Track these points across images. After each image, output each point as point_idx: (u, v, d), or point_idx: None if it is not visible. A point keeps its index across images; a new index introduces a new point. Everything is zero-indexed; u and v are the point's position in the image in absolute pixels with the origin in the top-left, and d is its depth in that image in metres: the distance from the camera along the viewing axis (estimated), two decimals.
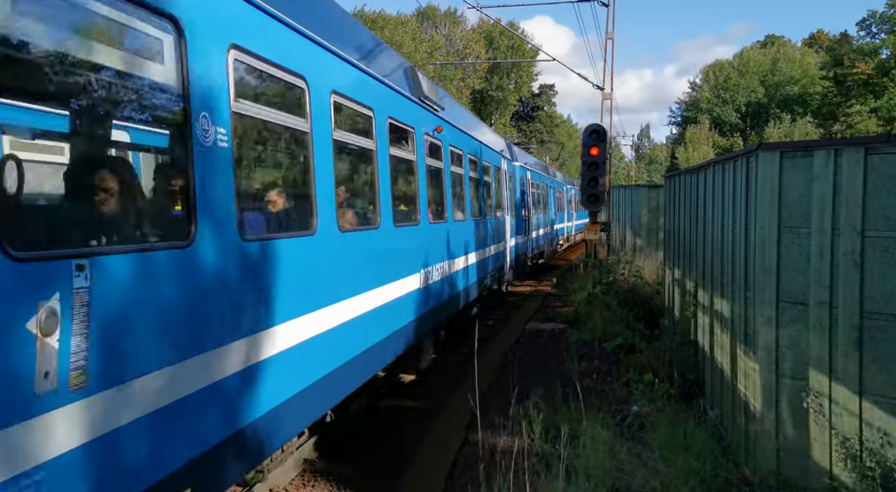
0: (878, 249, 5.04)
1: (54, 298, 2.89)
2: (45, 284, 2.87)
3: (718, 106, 78.53)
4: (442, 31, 63.61)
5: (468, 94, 65.01)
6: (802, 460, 5.44)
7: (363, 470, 7.06)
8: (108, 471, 3.19)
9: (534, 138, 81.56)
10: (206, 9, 4.19)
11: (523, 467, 5.63)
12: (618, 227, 21.29)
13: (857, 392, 5.14)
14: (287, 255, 5.00)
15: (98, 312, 3.11)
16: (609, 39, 23.36)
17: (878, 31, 52.18)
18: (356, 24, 7.68)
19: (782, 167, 5.51)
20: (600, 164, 15.98)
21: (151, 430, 3.48)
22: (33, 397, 2.81)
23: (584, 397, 8.09)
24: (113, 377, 3.22)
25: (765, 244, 5.62)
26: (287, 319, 4.97)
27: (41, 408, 2.84)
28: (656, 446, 6.15)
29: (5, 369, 2.68)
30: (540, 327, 14.71)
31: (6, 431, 2.66)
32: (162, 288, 3.62)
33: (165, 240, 3.87)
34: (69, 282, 2.97)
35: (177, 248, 3.78)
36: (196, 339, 3.87)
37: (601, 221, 18.66)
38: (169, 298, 3.67)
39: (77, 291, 3.01)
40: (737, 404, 6.40)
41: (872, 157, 5.05)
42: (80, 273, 3.01)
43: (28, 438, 2.75)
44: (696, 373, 8.50)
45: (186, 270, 3.84)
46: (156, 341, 3.54)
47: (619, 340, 11.57)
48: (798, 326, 5.47)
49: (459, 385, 9.95)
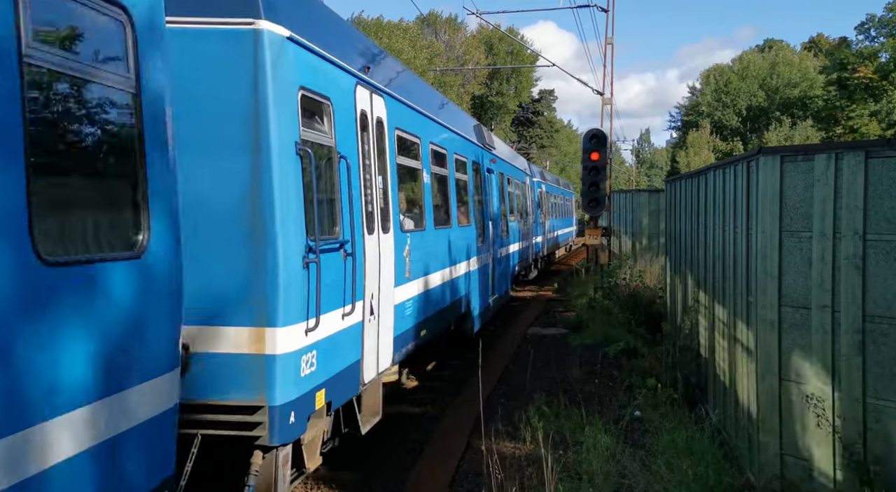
0: (880, 253, 5.04)
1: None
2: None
3: (719, 110, 78.56)
4: (442, 37, 63.79)
5: (468, 99, 65.12)
6: (806, 465, 5.42)
7: (366, 476, 7.05)
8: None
9: (534, 143, 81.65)
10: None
11: (526, 473, 5.62)
12: (619, 231, 21.30)
13: (861, 396, 5.13)
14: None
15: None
16: (608, 44, 23.41)
17: (878, 35, 52.26)
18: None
19: (783, 171, 5.51)
20: (601, 168, 16.01)
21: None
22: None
23: (587, 402, 8.08)
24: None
25: (766, 248, 5.62)
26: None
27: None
28: (659, 450, 6.14)
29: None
30: (542, 333, 14.70)
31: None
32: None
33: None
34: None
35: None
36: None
37: (602, 226, 18.68)
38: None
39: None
40: (739, 409, 6.39)
41: (873, 160, 5.05)
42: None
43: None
44: (699, 377, 8.48)
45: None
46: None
47: (622, 344, 11.56)
48: (800, 330, 5.46)
49: (462, 391, 9.94)
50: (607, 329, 13.03)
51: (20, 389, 2.77)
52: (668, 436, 6.38)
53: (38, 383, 2.86)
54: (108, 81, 3.37)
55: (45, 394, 2.88)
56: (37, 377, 2.85)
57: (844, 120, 49.24)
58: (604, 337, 12.67)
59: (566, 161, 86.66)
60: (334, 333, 5.79)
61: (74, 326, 3.06)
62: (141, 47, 3.51)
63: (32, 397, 2.82)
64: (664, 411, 7.31)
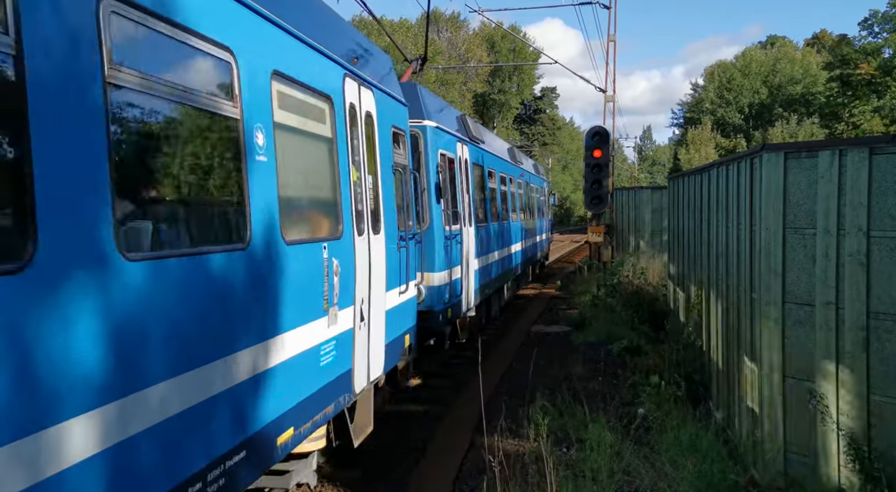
0: (884, 249, 5.03)
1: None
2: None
3: (721, 107, 78.37)
4: (444, 35, 63.72)
5: (470, 97, 65.08)
6: (810, 462, 5.42)
7: (370, 474, 7.06)
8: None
9: (536, 141, 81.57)
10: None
11: (530, 470, 5.62)
12: (621, 229, 21.27)
13: (865, 393, 5.12)
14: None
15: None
16: (611, 41, 23.38)
17: (881, 31, 52.08)
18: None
19: (787, 168, 5.50)
20: (603, 166, 16.00)
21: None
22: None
23: (590, 400, 8.08)
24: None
25: (770, 245, 5.61)
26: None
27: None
28: (663, 448, 6.13)
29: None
30: (545, 330, 14.70)
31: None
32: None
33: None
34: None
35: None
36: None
37: (605, 224, 18.66)
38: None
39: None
40: (743, 406, 6.38)
41: (877, 157, 5.03)
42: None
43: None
44: (703, 375, 8.47)
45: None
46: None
47: (625, 342, 11.55)
48: (804, 327, 5.45)
49: (465, 389, 9.95)
50: (610, 327, 13.03)
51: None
52: (672, 433, 6.37)
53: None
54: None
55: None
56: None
57: (847, 116, 49.10)
58: (607, 335, 12.66)
59: (568, 158, 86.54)
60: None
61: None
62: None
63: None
64: (668, 409, 7.30)
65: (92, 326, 2.92)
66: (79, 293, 2.84)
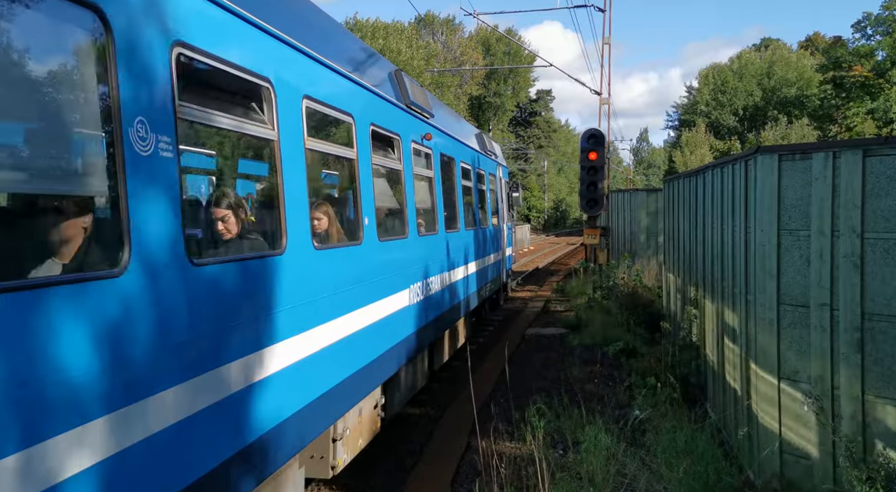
0: (878, 251, 5.05)
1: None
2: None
3: (716, 109, 78.60)
4: (439, 38, 63.78)
5: (466, 100, 65.12)
6: (806, 463, 5.43)
7: (367, 477, 7.04)
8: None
9: (531, 143, 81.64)
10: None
11: (526, 472, 5.62)
12: (617, 231, 21.30)
13: (860, 394, 5.14)
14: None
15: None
16: (605, 44, 23.44)
17: (874, 33, 52.30)
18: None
19: (781, 170, 5.52)
20: (599, 168, 16.03)
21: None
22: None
23: (586, 402, 8.08)
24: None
25: (765, 247, 5.62)
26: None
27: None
28: (659, 450, 6.14)
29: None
30: (541, 332, 14.71)
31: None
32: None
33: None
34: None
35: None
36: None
37: (601, 226, 18.69)
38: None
39: None
40: (739, 407, 6.39)
41: (871, 158, 5.06)
42: None
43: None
44: (699, 376, 8.49)
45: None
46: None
47: (621, 344, 11.57)
48: (799, 328, 5.47)
49: (461, 391, 9.94)
50: (607, 329, 13.04)
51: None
52: (667, 435, 6.38)
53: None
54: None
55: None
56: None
57: (841, 119, 49.25)
58: (603, 337, 12.67)
59: (564, 161, 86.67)
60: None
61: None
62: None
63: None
64: (664, 411, 7.31)
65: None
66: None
